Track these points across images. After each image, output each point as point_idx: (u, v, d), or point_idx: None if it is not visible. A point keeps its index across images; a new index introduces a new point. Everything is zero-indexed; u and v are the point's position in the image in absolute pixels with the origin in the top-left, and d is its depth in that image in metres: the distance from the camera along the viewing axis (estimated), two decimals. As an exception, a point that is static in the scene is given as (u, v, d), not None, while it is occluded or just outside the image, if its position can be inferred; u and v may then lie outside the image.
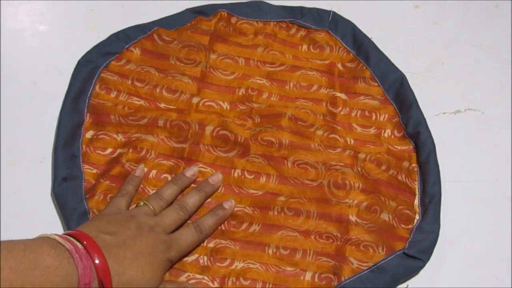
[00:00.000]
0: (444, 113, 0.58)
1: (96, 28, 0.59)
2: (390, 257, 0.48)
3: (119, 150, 0.52)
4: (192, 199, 0.48)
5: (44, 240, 0.37)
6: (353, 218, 0.50)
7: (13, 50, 0.58)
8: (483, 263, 0.51)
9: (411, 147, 0.54)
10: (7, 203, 0.50)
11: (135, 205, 0.48)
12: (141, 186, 0.51)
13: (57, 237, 0.38)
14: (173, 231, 0.46)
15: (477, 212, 0.53)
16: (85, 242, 0.38)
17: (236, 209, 0.50)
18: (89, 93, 0.54)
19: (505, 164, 0.56)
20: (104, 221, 0.43)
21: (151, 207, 0.46)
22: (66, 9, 0.62)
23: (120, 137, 0.53)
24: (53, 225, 0.49)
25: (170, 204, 0.48)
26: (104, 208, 0.48)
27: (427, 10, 0.65)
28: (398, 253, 0.48)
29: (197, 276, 0.47)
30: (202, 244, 0.48)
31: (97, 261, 0.38)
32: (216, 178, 0.51)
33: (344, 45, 0.59)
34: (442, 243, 0.50)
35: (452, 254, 0.51)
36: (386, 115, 0.56)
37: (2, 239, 0.47)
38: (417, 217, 0.51)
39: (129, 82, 0.56)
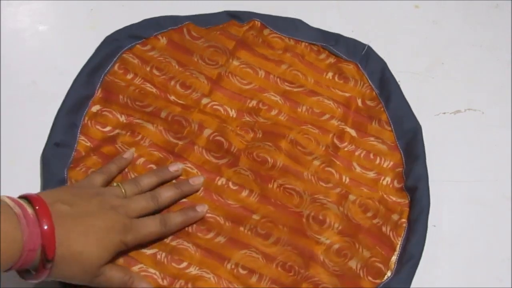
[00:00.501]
0: (444, 113, 0.58)
1: (96, 28, 0.59)
2: None
3: (117, 130, 0.53)
4: (166, 193, 0.48)
5: None
6: (321, 256, 0.49)
7: (13, 50, 0.58)
8: (483, 263, 0.51)
9: (406, 201, 0.52)
10: (7, 203, 0.50)
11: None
12: (126, 170, 0.51)
13: (8, 200, 0.37)
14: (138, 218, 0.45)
15: (477, 212, 0.53)
16: (37, 207, 0.38)
17: (208, 215, 0.49)
18: (107, 69, 0.55)
19: (505, 164, 0.56)
20: (68, 192, 0.43)
21: (123, 190, 0.46)
22: (66, 9, 0.62)
23: (122, 118, 0.53)
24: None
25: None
26: (80, 180, 0.48)
27: (427, 10, 0.65)
28: None
29: (150, 270, 0.47)
30: (164, 240, 0.48)
31: (45, 227, 0.37)
32: (197, 180, 0.50)
33: (370, 82, 0.58)
34: (442, 243, 0.50)
35: (452, 254, 0.51)
36: (391, 163, 0.54)
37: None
38: (388, 273, 0.48)
39: (148, 68, 0.56)
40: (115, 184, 0.47)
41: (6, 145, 0.53)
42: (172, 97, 0.55)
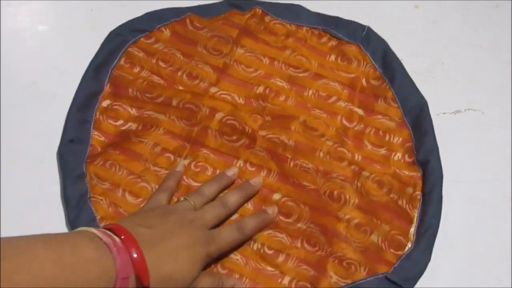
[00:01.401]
0: (444, 113, 0.58)
1: (96, 28, 0.59)
2: (370, 278, 0.48)
3: (129, 123, 0.53)
4: (233, 197, 0.49)
5: (83, 234, 0.37)
6: (343, 232, 0.49)
7: (13, 50, 0.58)
8: (483, 263, 0.51)
9: (419, 174, 0.53)
10: (7, 203, 0.50)
11: (176, 200, 0.49)
12: (145, 161, 0.51)
13: (95, 231, 0.38)
14: (214, 228, 0.46)
15: (477, 212, 0.53)
16: (122, 237, 0.38)
17: None
18: (113, 64, 0.56)
19: (505, 164, 0.56)
20: (142, 215, 0.44)
21: (192, 202, 0.46)
22: (66, 9, 0.62)
23: (133, 111, 0.54)
24: (54, 225, 0.49)
25: (211, 201, 0.49)
26: (144, 203, 0.48)
27: (427, 10, 0.65)
28: (380, 276, 0.48)
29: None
30: None
31: (134, 255, 0.37)
32: (257, 180, 0.51)
33: (373, 61, 0.58)
34: (442, 243, 0.50)
35: (452, 254, 0.51)
36: (400, 139, 0.55)
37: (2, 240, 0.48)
38: (409, 245, 0.50)
39: (154, 60, 0.57)
40: (182, 198, 0.47)
41: (6, 145, 0.53)
42: (180, 88, 0.56)
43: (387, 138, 0.55)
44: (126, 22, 0.58)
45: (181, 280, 0.41)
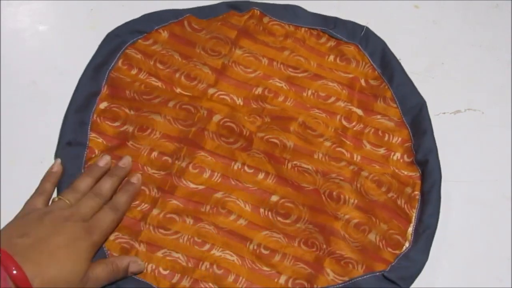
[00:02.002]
0: (444, 113, 0.58)
1: (96, 28, 0.59)
2: (367, 276, 0.48)
3: (126, 126, 0.53)
4: (106, 185, 0.48)
5: None
6: (341, 231, 0.50)
7: (13, 50, 0.58)
8: (483, 263, 0.51)
9: (418, 174, 0.53)
10: (7, 203, 0.50)
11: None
12: (142, 165, 0.52)
13: None
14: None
15: (477, 212, 0.53)
16: (7, 258, 0.37)
17: (228, 199, 0.51)
18: (111, 66, 0.56)
19: (505, 164, 0.56)
20: (16, 224, 0.43)
21: (67, 200, 0.46)
22: (66, 9, 0.62)
23: (131, 112, 0.54)
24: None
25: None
26: (19, 211, 0.47)
27: (427, 10, 0.65)
28: (377, 273, 0.48)
29: (173, 253, 0.48)
30: (187, 224, 0.49)
31: (14, 272, 0.37)
32: (126, 160, 0.51)
33: (371, 62, 0.59)
34: (442, 243, 0.50)
35: (452, 254, 0.51)
36: (399, 139, 0.55)
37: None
38: (407, 244, 0.50)
39: (152, 62, 0.56)
40: (56, 198, 0.47)
41: (6, 145, 0.53)
42: (179, 90, 0.56)
43: (386, 138, 0.55)
44: (124, 23, 0.58)
45: (68, 279, 0.40)
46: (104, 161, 0.50)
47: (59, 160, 0.50)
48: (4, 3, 0.61)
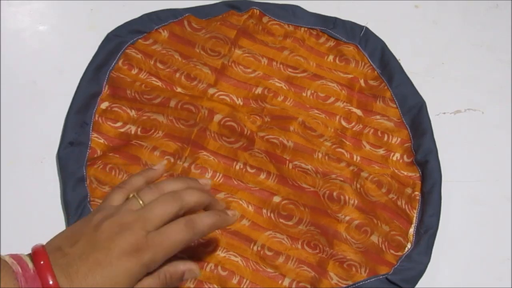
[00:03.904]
0: (444, 113, 0.58)
1: (96, 28, 0.59)
2: (371, 280, 0.48)
3: (129, 126, 0.53)
4: (192, 197, 0.41)
5: None
6: (343, 234, 0.49)
7: (13, 50, 0.58)
8: (483, 263, 0.51)
9: (418, 174, 0.53)
10: (7, 203, 0.50)
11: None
12: (144, 163, 0.51)
13: (7, 258, 0.34)
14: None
15: (477, 212, 0.53)
16: (41, 262, 0.34)
17: (231, 199, 0.51)
18: (112, 66, 0.56)
19: (505, 164, 0.56)
20: (77, 227, 0.38)
21: (140, 201, 0.39)
22: (66, 9, 0.62)
23: (133, 113, 0.54)
24: (53, 226, 0.49)
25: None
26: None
27: (427, 10, 0.65)
28: (380, 277, 0.48)
29: (178, 254, 0.47)
30: None
31: (50, 282, 0.33)
32: (206, 181, 0.45)
33: (371, 62, 0.59)
34: (442, 243, 0.50)
35: (452, 254, 0.51)
36: (399, 139, 0.55)
37: (2, 240, 0.48)
38: (408, 245, 0.50)
39: (152, 62, 0.57)
40: (131, 195, 0.40)
41: (6, 145, 0.53)
42: (179, 89, 0.56)
43: (385, 138, 0.55)
44: (124, 23, 0.58)
45: None
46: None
47: (164, 162, 0.47)
48: (4, 3, 0.61)
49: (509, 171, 0.55)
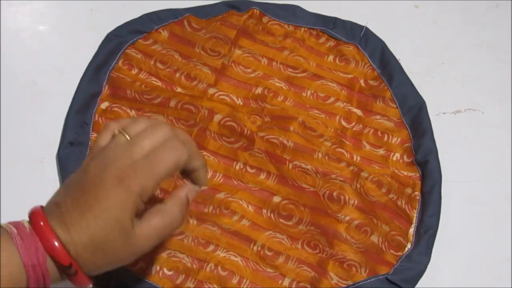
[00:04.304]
0: (444, 113, 0.58)
1: (96, 28, 0.59)
2: (371, 280, 0.48)
3: None
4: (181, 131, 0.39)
5: None
6: (343, 234, 0.49)
7: (13, 50, 0.58)
8: (483, 263, 0.51)
9: (418, 174, 0.53)
10: (7, 203, 0.50)
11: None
12: None
13: (4, 224, 0.34)
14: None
15: (477, 212, 0.53)
16: (38, 219, 0.34)
17: (231, 199, 0.50)
18: (112, 66, 0.56)
19: (505, 164, 0.56)
20: (66, 182, 0.37)
21: (126, 135, 0.37)
22: (66, 9, 0.62)
23: (133, 113, 0.54)
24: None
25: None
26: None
27: (427, 10, 0.65)
28: (381, 277, 0.48)
29: (178, 254, 0.48)
30: (190, 224, 0.49)
31: (56, 244, 0.33)
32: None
33: (371, 62, 0.59)
34: (442, 243, 0.50)
35: (452, 254, 0.51)
36: (399, 139, 0.55)
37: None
38: (408, 245, 0.50)
39: (152, 62, 0.57)
40: (117, 132, 0.38)
41: (6, 145, 0.53)
42: (179, 89, 0.56)
43: (385, 138, 0.55)
44: (124, 23, 0.58)
45: (104, 248, 0.34)
46: None
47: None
48: (4, 3, 0.61)
49: (509, 171, 0.55)
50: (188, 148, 0.37)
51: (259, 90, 0.56)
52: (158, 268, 0.47)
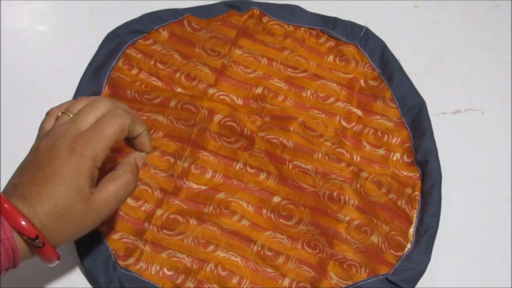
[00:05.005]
0: (444, 113, 0.58)
1: (96, 28, 0.59)
2: (371, 280, 0.48)
3: None
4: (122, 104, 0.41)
5: None
6: (343, 234, 0.49)
7: (13, 50, 0.58)
8: (483, 263, 0.51)
9: (418, 174, 0.53)
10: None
11: None
12: (147, 168, 0.51)
13: None
14: None
15: (477, 212, 0.53)
16: (6, 205, 0.34)
17: (231, 199, 0.51)
18: (112, 66, 0.56)
19: (505, 164, 0.56)
20: (19, 166, 0.39)
21: (70, 114, 0.40)
22: (66, 9, 0.62)
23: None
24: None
25: None
26: None
27: (427, 10, 0.65)
28: (380, 277, 0.48)
29: (178, 254, 0.48)
30: (190, 224, 0.49)
31: (23, 223, 0.34)
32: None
33: (371, 62, 0.58)
34: (442, 243, 0.50)
35: (452, 254, 0.51)
36: (399, 139, 0.55)
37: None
38: (408, 245, 0.50)
39: (152, 62, 0.57)
40: (60, 113, 0.41)
41: (6, 145, 0.53)
42: (179, 89, 0.56)
43: (385, 138, 0.55)
44: (124, 23, 0.58)
45: (66, 215, 0.36)
46: None
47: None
48: (4, 3, 0.61)
49: (509, 171, 0.55)
50: (130, 114, 0.39)
51: (259, 90, 0.56)
52: (158, 268, 0.47)
